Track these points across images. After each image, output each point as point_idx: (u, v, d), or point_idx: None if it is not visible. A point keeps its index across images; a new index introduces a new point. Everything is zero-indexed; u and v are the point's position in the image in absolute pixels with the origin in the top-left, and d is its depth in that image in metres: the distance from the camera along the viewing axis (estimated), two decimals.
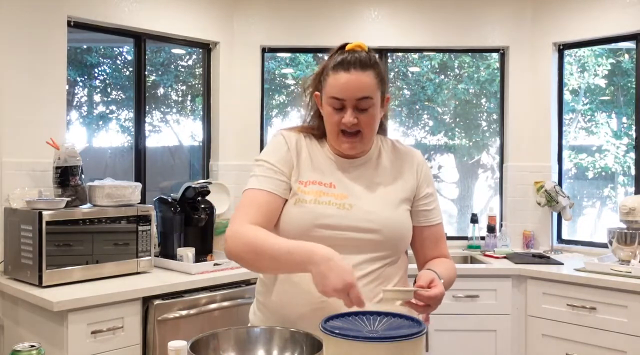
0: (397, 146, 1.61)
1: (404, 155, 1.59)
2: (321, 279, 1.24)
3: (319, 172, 1.51)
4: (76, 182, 2.71)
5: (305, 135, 1.56)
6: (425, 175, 1.59)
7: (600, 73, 4.23)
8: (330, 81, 1.44)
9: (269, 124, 4.39)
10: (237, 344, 1.27)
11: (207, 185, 3.08)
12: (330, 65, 1.46)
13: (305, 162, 1.52)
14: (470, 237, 3.76)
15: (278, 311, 1.48)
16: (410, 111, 4.74)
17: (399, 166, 1.57)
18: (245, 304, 2.81)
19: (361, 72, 1.42)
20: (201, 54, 3.79)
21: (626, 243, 3.01)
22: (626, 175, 4.18)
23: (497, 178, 3.97)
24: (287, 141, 1.53)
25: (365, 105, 1.43)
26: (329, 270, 1.23)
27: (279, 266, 1.36)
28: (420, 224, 1.57)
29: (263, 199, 1.44)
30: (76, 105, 4.13)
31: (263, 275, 1.57)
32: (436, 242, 1.60)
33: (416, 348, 1.05)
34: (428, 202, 1.57)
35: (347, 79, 1.41)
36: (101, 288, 2.46)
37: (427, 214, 1.57)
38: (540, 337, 3.06)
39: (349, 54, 1.45)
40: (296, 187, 1.49)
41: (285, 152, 1.51)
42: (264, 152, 1.54)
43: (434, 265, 1.54)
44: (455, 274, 1.58)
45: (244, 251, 1.37)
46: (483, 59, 4.42)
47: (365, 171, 1.54)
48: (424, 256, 1.60)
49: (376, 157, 1.56)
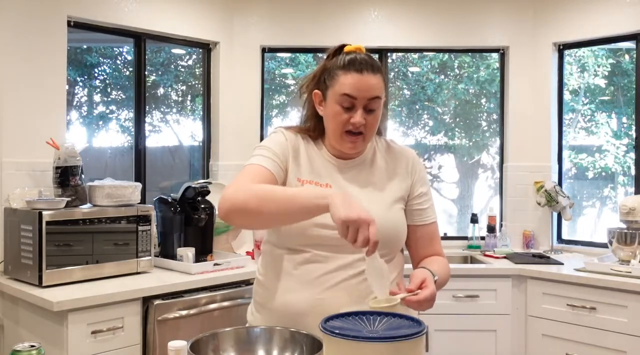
0: (391, 146, 1.63)
1: (398, 155, 1.61)
2: (346, 205, 1.23)
3: (316, 173, 1.53)
4: (76, 182, 2.71)
5: (302, 136, 1.58)
6: (419, 174, 1.60)
7: (600, 73, 4.23)
8: (341, 80, 1.45)
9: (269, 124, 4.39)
10: (237, 344, 1.27)
11: (207, 185, 3.08)
12: (337, 64, 1.47)
13: (304, 163, 1.53)
14: (470, 237, 3.76)
15: (276, 310, 1.48)
16: (410, 111, 4.74)
17: (393, 166, 1.59)
18: (245, 304, 2.80)
19: (372, 75, 1.44)
20: (201, 54, 3.79)
21: (626, 243, 3.01)
22: (626, 175, 4.17)
23: (497, 178, 3.97)
24: (287, 138, 1.55)
25: (374, 106, 1.46)
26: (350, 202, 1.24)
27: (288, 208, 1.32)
28: (414, 223, 1.58)
29: (264, 174, 1.45)
30: (76, 105, 4.13)
31: (260, 274, 1.57)
32: (430, 241, 1.61)
33: (416, 348, 1.05)
34: (422, 202, 1.59)
35: (361, 79, 1.43)
36: (101, 288, 2.46)
37: (421, 213, 1.59)
38: (540, 337, 3.06)
39: (356, 55, 1.47)
40: (295, 184, 1.50)
41: (285, 147, 1.53)
42: (264, 142, 1.56)
43: (429, 263, 1.55)
44: (449, 271, 1.59)
45: (246, 199, 1.33)
46: (483, 59, 4.42)
47: (361, 171, 1.55)
48: (419, 255, 1.61)
49: (371, 157, 1.58)
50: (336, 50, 1.53)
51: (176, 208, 3.01)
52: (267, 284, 1.53)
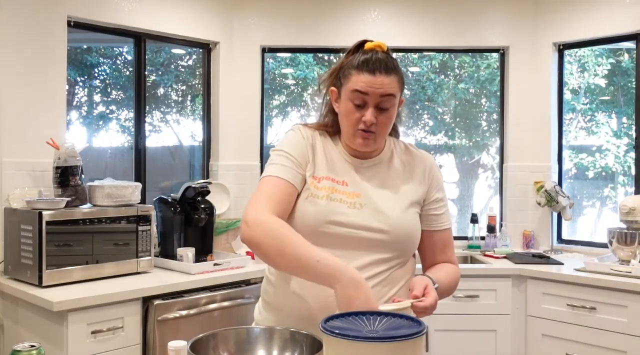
0: (409, 149, 1.61)
1: (416, 159, 1.59)
2: (346, 302, 1.23)
3: (333, 170, 1.51)
4: (76, 182, 2.71)
5: (320, 132, 1.56)
6: (436, 180, 1.59)
7: (600, 73, 4.23)
8: (353, 79, 1.44)
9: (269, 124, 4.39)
10: (237, 344, 1.27)
11: (207, 185, 3.08)
12: (352, 63, 1.46)
13: (320, 159, 1.52)
14: (470, 237, 3.76)
15: (285, 310, 1.48)
16: (410, 111, 4.74)
17: (411, 169, 1.57)
18: (245, 304, 2.82)
19: (385, 76, 1.42)
20: (201, 54, 3.79)
21: (626, 243, 3.01)
22: (626, 175, 4.17)
23: (497, 178, 3.97)
24: (304, 136, 1.53)
25: (387, 104, 1.44)
26: (355, 295, 1.22)
27: (300, 270, 1.32)
28: (429, 228, 1.57)
29: (283, 188, 1.43)
30: (76, 105, 4.13)
31: (270, 273, 1.56)
32: (443, 248, 1.60)
33: (416, 348, 1.05)
34: (438, 207, 1.57)
35: (373, 80, 1.42)
36: (101, 288, 2.46)
37: (437, 219, 1.57)
38: (540, 337, 3.06)
39: (372, 54, 1.45)
40: (310, 181, 1.48)
41: (302, 146, 1.51)
42: (282, 143, 1.53)
43: (436, 270, 1.54)
44: (457, 279, 1.58)
45: (267, 243, 1.33)
46: (483, 58, 4.42)
47: (378, 172, 1.54)
48: (431, 261, 1.60)
49: (388, 158, 1.57)
50: (357, 46, 1.52)
51: (176, 208, 3.01)
52: (276, 283, 1.52)
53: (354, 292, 1.23)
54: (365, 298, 1.22)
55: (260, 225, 1.35)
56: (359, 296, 1.22)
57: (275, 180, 1.44)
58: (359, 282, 1.24)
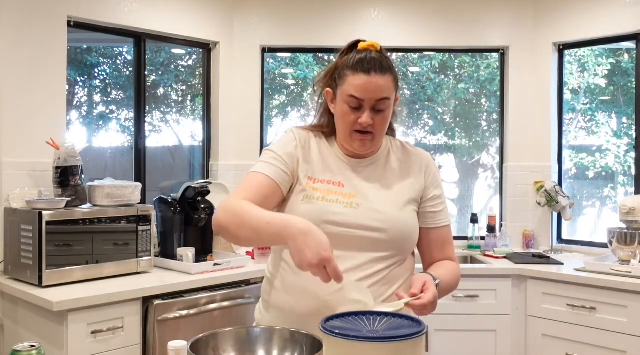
0: (406, 147, 1.61)
1: (413, 157, 1.59)
2: (298, 254, 1.22)
3: (329, 171, 1.52)
4: (76, 182, 2.71)
5: (315, 134, 1.57)
6: (433, 177, 1.59)
7: (600, 73, 4.23)
8: (349, 80, 1.44)
9: (269, 124, 4.39)
10: (237, 344, 1.27)
11: (207, 185, 3.08)
12: (346, 63, 1.46)
13: (315, 160, 1.52)
14: (470, 237, 3.76)
15: (284, 309, 1.48)
16: (410, 111, 4.74)
17: (408, 167, 1.57)
18: (245, 304, 2.82)
19: (380, 76, 1.42)
20: (201, 54, 3.79)
21: (626, 243, 3.01)
22: (626, 175, 4.17)
23: (497, 178, 3.97)
24: (297, 137, 1.54)
25: (382, 106, 1.44)
26: (305, 244, 1.21)
27: (258, 236, 1.35)
28: (427, 225, 1.57)
29: (263, 182, 1.45)
30: (76, 105, 4.13)
31: (270, 273, 1.56)
32: (442, 245, 1.60)
33: (416, 348, 1.05)
34: (435, 204, 1.57)
35: (368, 81, 1.41)
36: (101, 288, 2.46)
37: (435, 216, 1.57)
38: (540, 337, 3.06)
39: (366, 54, 1.45)
40: (305, 182, 1.49)
41: (293, 148, 1.52)
42: (273, 144, 1.55)
43: (436, 268, 1.54)
44: (458, 276, 1.58)
45: (228, 220, 1.37)
46: (483, 58, 4.42)
47: (374, 171, 1.54)
48: (430, 258, 1.60)
49: (385, 157, 1.57)
50: (351, 46, 1.52)
51: (176, 208, 3.01)
52: (275, 283, 1.52)
53: (302, 243, 1.21)
54: (316, 244, 1.21)
55: (224, 208, 1.40)
56: (308, 244, 1.21)
57: (256, 175, 1.47)
58: (307, 231, 1.23)
